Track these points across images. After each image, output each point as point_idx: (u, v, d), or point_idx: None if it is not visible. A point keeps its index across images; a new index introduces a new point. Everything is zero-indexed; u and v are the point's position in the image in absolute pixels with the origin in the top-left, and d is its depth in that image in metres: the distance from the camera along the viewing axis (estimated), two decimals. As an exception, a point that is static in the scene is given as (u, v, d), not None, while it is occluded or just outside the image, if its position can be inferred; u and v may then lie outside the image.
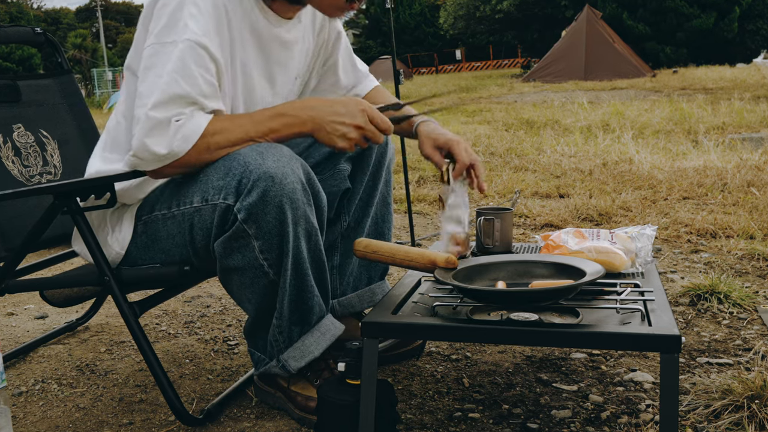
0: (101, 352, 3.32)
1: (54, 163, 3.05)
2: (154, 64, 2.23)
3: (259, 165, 2.17)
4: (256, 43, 2.48)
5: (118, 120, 2.51)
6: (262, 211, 2.19)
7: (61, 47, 3.31)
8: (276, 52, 2.56)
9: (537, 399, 2.64)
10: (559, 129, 12.08)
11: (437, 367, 2.95)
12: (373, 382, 2.10)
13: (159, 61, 2.22)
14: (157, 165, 2.22)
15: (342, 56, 2.92)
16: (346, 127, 2.31)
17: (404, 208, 6.23)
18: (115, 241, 2.53)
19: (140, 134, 2.18)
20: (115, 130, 2.52)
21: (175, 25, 2.24)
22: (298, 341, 2.43)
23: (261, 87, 2.55)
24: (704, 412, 2.44)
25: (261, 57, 2.51)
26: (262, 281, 2.32)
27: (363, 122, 2.32)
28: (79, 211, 2.43)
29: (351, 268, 2.96)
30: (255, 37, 2.47)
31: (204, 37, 2.25)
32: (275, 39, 2.55)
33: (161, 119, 2.17)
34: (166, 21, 2.26)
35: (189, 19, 2.24)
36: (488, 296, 2.14)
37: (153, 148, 2.18)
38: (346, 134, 2.31)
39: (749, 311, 3.42)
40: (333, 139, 2.31)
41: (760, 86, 20.30)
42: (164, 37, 2.25)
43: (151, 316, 3.76)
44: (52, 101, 3.16)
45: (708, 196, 6.14)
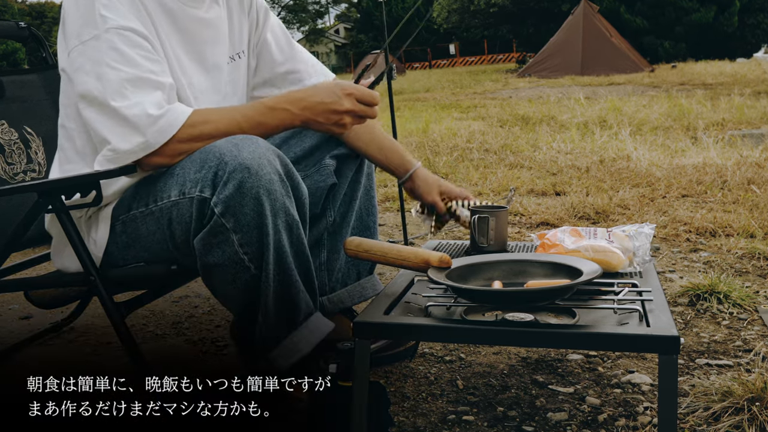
0: (87, 353, 3.32)
1: (38, 160, 3.04)
2: (84, 64, 2.26)
3: (234, 156, 2.16)
4: (173, 25, 2.50)
5: (65, 126, 2.52)
6: (239, 204, 2.18)
7: (46, 42, 3.30)
8: (199, 32, 2.58)
9: (532, 401, 2.64)
10: (555, 125, 12.09)
11: (430, 368, 2.95)
12: (365, 384, 2.10)
13: (91, 59, 2.25)
14: (133, 157, 2.24)
15: (273, 34, 2.93)
16: (337, 115, 2.38)
17: (397, 206, 6.23)
18: (92, 245, 2.51)
19: (110, 127, 2.22)
20: (65, 139, 2.53)
21: (91, 20, 2.27)
22: (286, 339, 2.41)
23: (192, 69, 2.56)
24: (703, 415, 2.44)
25: (183, 39, 2.53)
26: (244, 276, 2.30)
27: (351, 105, 2.39)
28: (63, 210, 2.42)
29: (339, 264, 2.96)
30: (170, 18, 2.49)
31: (124, 20, 2.28)
32: (193, 19, 2.56)
33: (124, 108, 2.20)
34: (81, 20, 2.29)
35: (103, 10, 2.27)
36: (483, 296, 2.14)
37: (128, 139, 2.21)
38: (338, 121, 2.39)
39: (749, 311, 3.42)
40: (329, 128, 2.41)
41: (760, 81, 20.33)
42: (84, 35, 2.27)
43: (138, 316, 3.76)
44: (36, 97, 3.16)
45: (707, 194, 6.15)
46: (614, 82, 23.71)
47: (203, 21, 2.59)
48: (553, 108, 14.97)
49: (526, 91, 22.26)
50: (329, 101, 2.36)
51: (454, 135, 11.15)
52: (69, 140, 2.50)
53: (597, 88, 21.10)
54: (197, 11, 2.57)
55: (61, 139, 2.53)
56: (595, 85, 22.86)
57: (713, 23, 39.99)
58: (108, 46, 2.23)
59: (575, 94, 17.68)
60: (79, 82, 2.27)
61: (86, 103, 2.26)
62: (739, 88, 17.32)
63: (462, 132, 11.44)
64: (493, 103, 17.99)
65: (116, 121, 2.22)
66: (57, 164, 2.56)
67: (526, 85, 24.73)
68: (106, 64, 2.22)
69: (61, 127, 2.52)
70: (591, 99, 16.68)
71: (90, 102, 2.25)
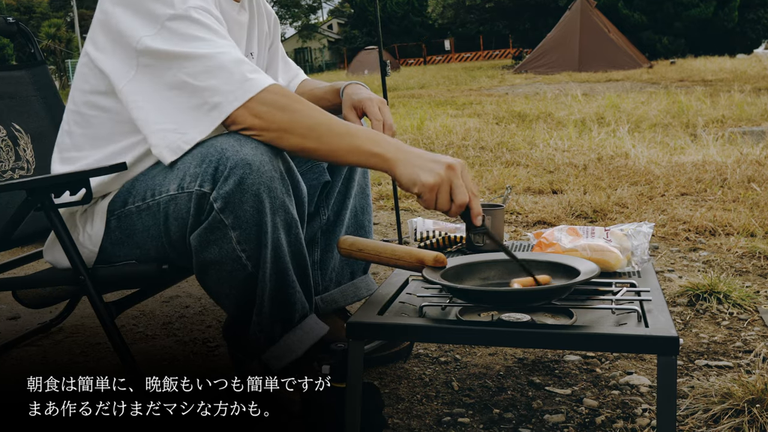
0: (76, 354, 3.31)
1: (27, 158, 3.04)
2: (175, 38, 2.21)
3: (236, 152, 2.16)
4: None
5: (81, 113, 2.48)
6: (239, 200, 2.17)
7: (35, 37, 3.30)
8: (233, 33, 2.59)
9: (529, 403, 2.64)
10: (552, 122, 12.11)
11: (425, 369, 2.96)
12: (359, 385, 2.10)
13: (179, 34, 2.22)
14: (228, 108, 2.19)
15: (280, 42, 3.02)
16: (437, 165, 2.13)
17: (391, 205, 6.24)
18: (87, 240, 2.51)
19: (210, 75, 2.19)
20: (78, 126, 2.50)
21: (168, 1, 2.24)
22: (280, 340, 2.41)
23: None
24: (703, 417, 2.45)
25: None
26: (241, 275, 2.30)
27: (453, 175, 2.14)
28: (53, 208, 2.41)
29: (332, 263, 2.96)
30: (222, 15, 2.49)
31: (203, 2, 2.28)
32: (233, 20, 2.59)
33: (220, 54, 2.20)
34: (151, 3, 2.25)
35: None
36: (478, 296, 2.14)
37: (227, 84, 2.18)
38: (434, 169, 2.12)
39: (750, 312, 3.43)
40: (417, 172, 2.13)
41: (761, 78, 20.38)
42: (158, 17, 2.24)
43: (127, 317, 3.76)
44: (25, 94, 3.15)
45: (707, 192, 6.16)
46: (612, 78, 23.76)
47: (238, 23, 2.63)
48: (550, 105, 15.00)
49: (522, 87, 22.30)
50: (434, 157, 2.16)
51: (450, 132, 11.16)
52: (84, 127, 2.47)
53: (594, 85, 21.14)
54: (235, 13, 2.61)
55: (71, 126, 2.51)
56: (592, 81, 22.91)
57: (713, 18, 40.07)
58: (192, 22, 2.22)
59: (572, 91, 17.73)
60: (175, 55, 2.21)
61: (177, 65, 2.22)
62: (739, 85, 17.37)
63: (457, 129, 11.44)
64: (489, 99, 18.00)
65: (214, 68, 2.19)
66: (58, 152, 2.56)
67: (523, 82, 24.77)
68: (196, 39, 2.21)
69: (75, 113, 2.49)
70: (588, 95, 16.71)
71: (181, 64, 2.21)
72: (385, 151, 2.17)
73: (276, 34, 2.98)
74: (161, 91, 2.22)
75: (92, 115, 2.46)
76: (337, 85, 2.88)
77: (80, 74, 2.47)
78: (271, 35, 2.96)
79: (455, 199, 2.11)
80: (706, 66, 26.70)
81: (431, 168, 2.11)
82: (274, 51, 3.00)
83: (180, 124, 2.21)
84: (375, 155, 2.17)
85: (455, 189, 2.11)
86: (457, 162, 2.13)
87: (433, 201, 2.13)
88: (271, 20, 2.94)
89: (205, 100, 2.18)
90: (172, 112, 2.22)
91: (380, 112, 2.70)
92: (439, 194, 2.11)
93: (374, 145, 2.18)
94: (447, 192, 2.11)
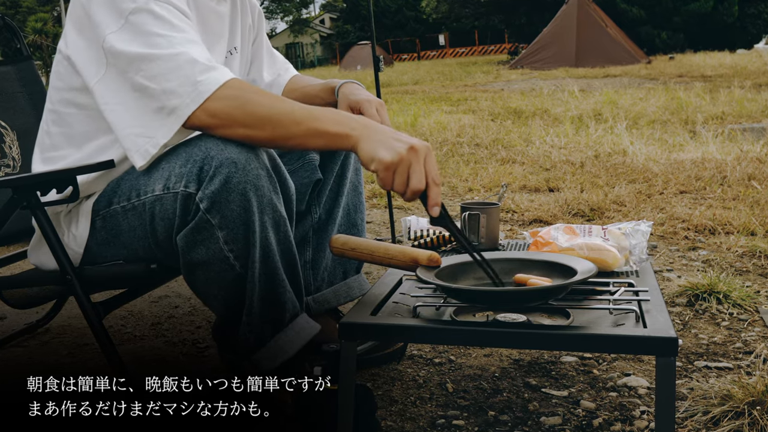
0: (63, 355, 3.31)
1: (13, 155, 3.04)
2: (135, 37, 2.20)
3: (221, 150, 2.16)
4: (196, 11, 2.50)
5: (58, 111, 2.48)
6: (225, 199, 2.17)
7: (21, 32, 3.29)
8: (212, 25, 2.59)
9: (525, 405, 2.64)
10: (548, 119, 12.11)
11: (419, 371, 2.96)
12: (352, 387, 2.10)
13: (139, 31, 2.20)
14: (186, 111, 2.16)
15: (265, 35, 3.02)
16: (399, 143, 2.09)
17: (384, 203, 6.23)
18: (72, 241, 2.50)
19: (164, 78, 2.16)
20: (55, 125, 2.49)
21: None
22: (271, 341, 2.40)
23: None
24: (702, 419, 2.45)
25: (202, 29, 2.52)
26: (229, 275, 2.29)
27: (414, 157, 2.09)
28: (39, 206, 2.41)
29: (325, 262, 2.95)
30: (195, 4, 2.50)
31: None
32: (211, 11, 2.59)
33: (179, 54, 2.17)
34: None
35: None
36: (473, 296, 2.14)
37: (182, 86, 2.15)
38: (394, 146, 2.08)
39: (750, 312, 3.43)
40: (376, 148, 2.09)
41: (761, 73, 20.40)
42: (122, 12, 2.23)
43: (115, 317, 3.75)
44: (10, 89, 3.15)
45: (706, 190, 6.16)
46: (610, 74, 23.77)
47: (217, 14, 2.62)
48: (546, 101, 15.00)
49: (518, 83, 22.30)
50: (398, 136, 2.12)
51: (444, 129, 11.16)
52: (61, 126, 2.47)
53: (592, 80, 21.15)
54: (213, 3, 2.60)
55: (49, 125, 2.51)
56: (589, 77, 22.92)
57: (712, 13, 40.12)
58: (155, 17, 2.21)
59: (569, 87, 17.71)
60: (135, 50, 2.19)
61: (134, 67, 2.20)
62: (739, 81, 17.40)
63: (452, 126, 11.44)
64: (484, 95, 18.01)
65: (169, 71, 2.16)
66: (38, 152, 2.55)
67: (519, 77, 24.79)
68: (157, 34, 2.19)
69: (52, 112, 2.49)
70: (585, 91, 16.72)
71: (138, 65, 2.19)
72: (350, 129, 2.14)
73: (261, 27, 2.99)
74: (128, 92, 2.22)
75: (68, 113, 2.46)
76: (331, 83, 2.87)
77: (55, 72, 2.46)
78: (255, 29, 2.96)
79: (410, 183, 2.07)
80: (706, 61, 26.72)
81: (392, 146, 2.07)
82: (258, 45, 3.00)
83: (146, 128, 2.20)
84: (338, 135, 2.14)
85: (412, 172, 2.07)
86: (423, 144, 2.09)
87: (390, 181, 2.08)
88: (255, 13, 2.94)
89: (164, 104, 2.16)
90: (138, 115, 2.21)
91: (378, 115, 2.70)
92: (396, 174, 2.07)
93: (336, 125, 2.15)
94: (404, 174, 2.07)
